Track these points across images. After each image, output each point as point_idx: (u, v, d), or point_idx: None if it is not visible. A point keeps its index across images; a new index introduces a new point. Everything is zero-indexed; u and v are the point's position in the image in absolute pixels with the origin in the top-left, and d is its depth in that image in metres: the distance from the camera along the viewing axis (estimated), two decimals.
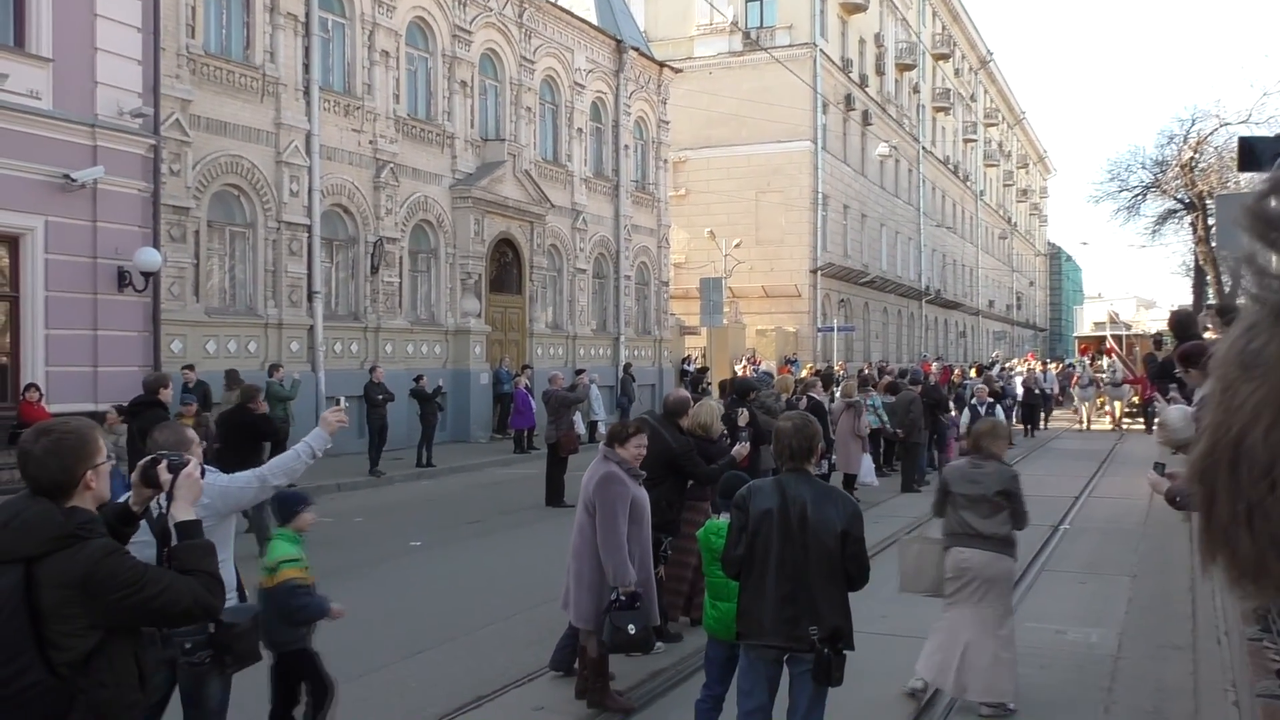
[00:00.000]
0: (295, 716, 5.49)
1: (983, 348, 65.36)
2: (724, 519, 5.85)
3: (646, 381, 30.71)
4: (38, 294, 15.28)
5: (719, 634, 5.52)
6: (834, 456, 14.79)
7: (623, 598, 5.95)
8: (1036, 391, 29.25)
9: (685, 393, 9.04)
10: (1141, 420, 29.40)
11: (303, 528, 5.49)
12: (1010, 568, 6.58)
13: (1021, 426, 27.36)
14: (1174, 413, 6.42)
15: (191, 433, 4.41)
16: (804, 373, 26.32)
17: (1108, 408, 31.59)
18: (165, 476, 3.29)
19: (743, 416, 10.02)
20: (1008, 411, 25.33)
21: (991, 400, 16.29)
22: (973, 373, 30.55)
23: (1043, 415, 30.14)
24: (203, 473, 3.49)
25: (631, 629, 5.91)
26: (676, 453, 7.77)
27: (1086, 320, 55.73)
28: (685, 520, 7.98)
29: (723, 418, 9.26)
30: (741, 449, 8.42)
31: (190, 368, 16.14)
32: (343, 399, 6.58)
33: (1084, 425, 30.04)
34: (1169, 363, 8.69)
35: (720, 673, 5.54)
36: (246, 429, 11.19)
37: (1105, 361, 34.15)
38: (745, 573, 4.75)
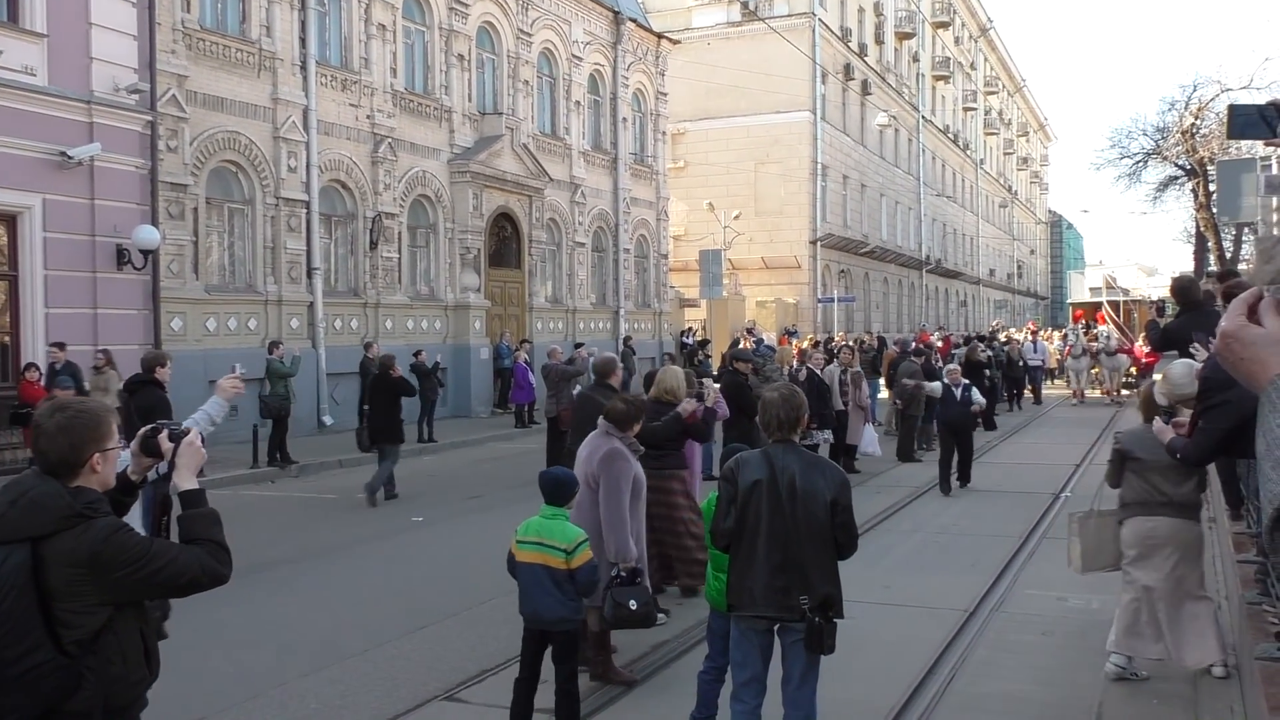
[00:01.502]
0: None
1: (984, 317, 65.34)
2: None
3: (647, 354, 30.70)
4: (36, 273, 15.26)
5: (721, 605, 5.55)
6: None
7: (624, 574, 5.97)
8: (1021, 364, 27.49)
9: (612, 355, 9.01)
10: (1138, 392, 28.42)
11: (570, 508, 5.66)
12: (1201, 533, 6.41)
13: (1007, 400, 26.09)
14: (1178, 367, 6.41)
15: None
16: (804, 343, 26.32)
17: (1102, 380, 29.20)
18: (167, 445, 3.28)
19: (710, 394, 9.63)
20: (992, 385, 24.37)
21: (966, 382, 14.28)
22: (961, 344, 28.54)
23: (1031, 388, 28.26)
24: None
25: (633, 605, 5.92)
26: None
27: (1083, 286, 54.41)
28: (661, 489, 7.93)
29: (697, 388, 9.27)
30: (687, 405, 8.24)
31: (60, 346, 14.52)
32: (238, 366, 6.61)
33: (1077, 396, 28.17)
34: (1171, 330, 8.65)
35: (723, 644, 5.56)
36: (388, 389, 13.78)
37: (1101, 329, 32.17)
38: (735, 544, 4.75)
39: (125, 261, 16.12)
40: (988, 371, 23.13)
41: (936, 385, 14.47)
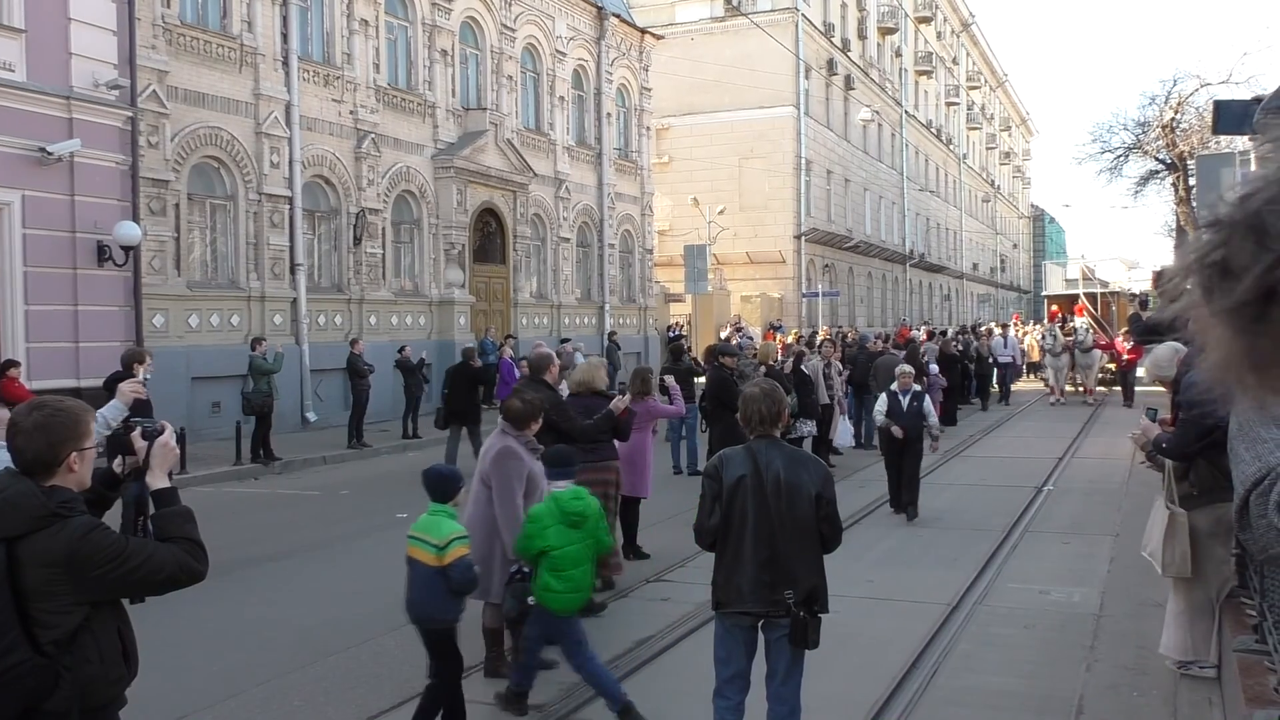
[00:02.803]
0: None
1: (967, 311, 65.59)
2: (561, 487, 5.98)
3: (632, 350, 30.71)
4: (16, 269, 15.15)
5: (547, 604, 5.68)
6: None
7: (525, 570, 6.01)
8: (991, 361, 25.81)
9: (547, 349, 9.00)
10: (1120, 389, 25.40)
11: (459, 504, 5.63)
12: None
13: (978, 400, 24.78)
14: (1163, 349, 6.45)
15: None
16: (789, 337, 26.37)
17: (1079, 379, 26.61)
18: (140, 444, 3.27)
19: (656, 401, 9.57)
20: (964, 375, 23.17)
21: (918, 388, 11.89)
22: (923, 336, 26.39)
23: (1001, 386, 26.28)
24: None
25: (532, 601, 5.99)
26: (547, 410, 7.55)
27: (1059, 277, 51.75)
28: (596, 481, 7.94)
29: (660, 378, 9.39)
30: (620, 401, 8.27)
31: None
32: (141, 370, 6.64)
33: (1057, 395, 25.89)
34: (1154, 320, 8.72)
35: (536, 630, 5.84)
36: (468, 377, 15.83)
37: (1079, 321, 29.37)
38: (721, 542, 4.75)
39: (106, 258, 16.03)
40: (959, 365, 22.34)
41: (879, 410, 11.88)
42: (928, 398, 11.93)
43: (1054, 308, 37.01)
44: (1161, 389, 6.81)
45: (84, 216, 15.78)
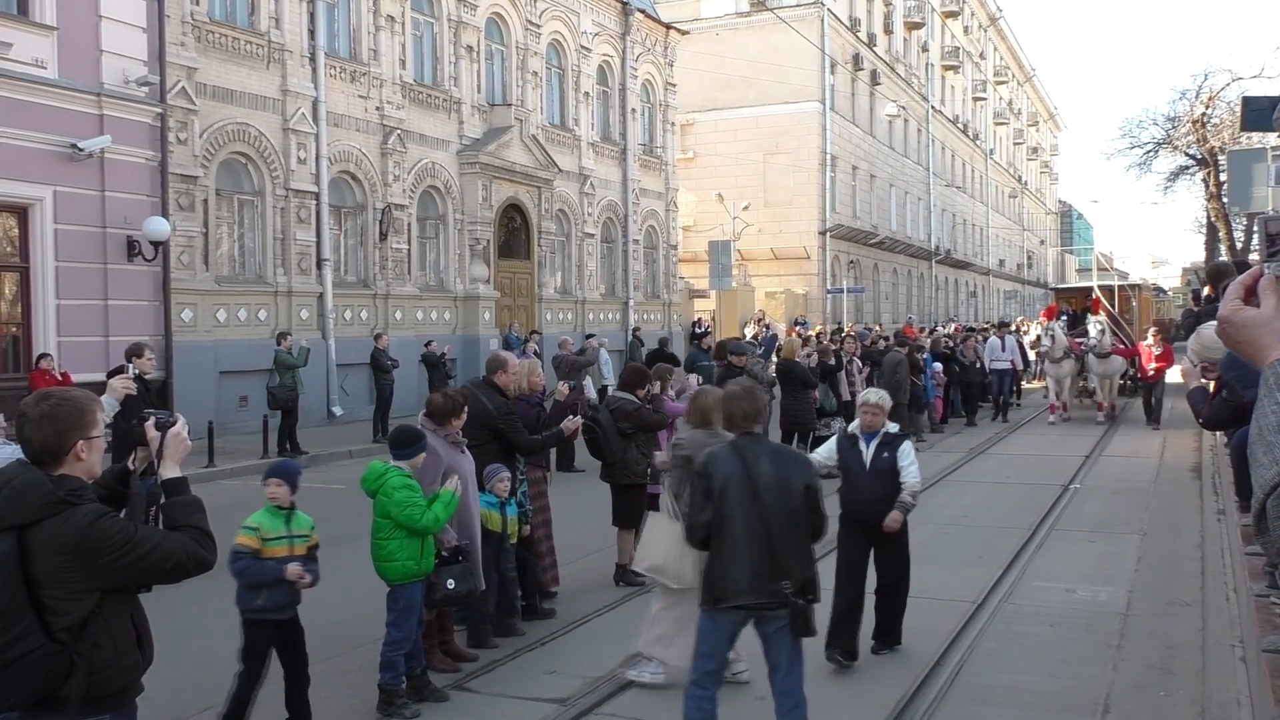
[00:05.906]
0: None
1: (994, 308, 65.22)
2: (395, 465, 6.15)
3: (655, 347, 30.68)
4: (48, 264, 15.33)
5: (393, 575, 6.06)
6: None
7: (444, 553, 6.13)
8: (978, 365, 21.60)
9: (505, 352, 8.83)
10: (1142, 404, 20.63)
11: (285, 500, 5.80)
12: None
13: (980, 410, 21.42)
14: (1210, 329, 6.45)
15: None
16: (813, 333, 26.30)
17: (1092, 386, 22.19)
18: (153, 435, 3.32)
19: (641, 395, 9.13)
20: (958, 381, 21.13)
21: (894, 428, 6.96)
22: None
23: (995, 399, 21.99)
24: None
25: (451, 584, 6.12)
26: (494, 416, 7.43)
27: (1070, 268, 45.73)
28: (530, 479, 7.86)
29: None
30: (570, 423, 7.93)
31: None
32: (130, 365, 6.73)
33: (1057, 411, 20.93)
34: (1205, 315, 8.65)
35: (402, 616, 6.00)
36: (664, 359, 15.66)
37: (1094, 320, 22.00)
38: (716, 538, 4.85)
39: (136, 253, 16.19)
40: (955, 366, 20.84)
41: (822, 458, 6.98)
42: (907, 443, 6.86)
43: (1051, 306, 29.77)
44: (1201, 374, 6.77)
45: (114, 212, 15.94)
